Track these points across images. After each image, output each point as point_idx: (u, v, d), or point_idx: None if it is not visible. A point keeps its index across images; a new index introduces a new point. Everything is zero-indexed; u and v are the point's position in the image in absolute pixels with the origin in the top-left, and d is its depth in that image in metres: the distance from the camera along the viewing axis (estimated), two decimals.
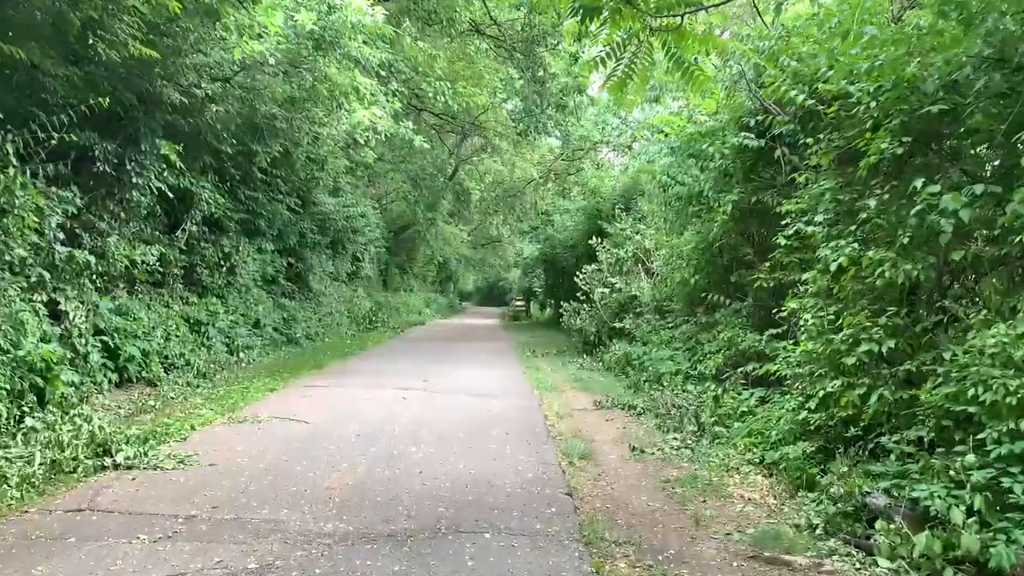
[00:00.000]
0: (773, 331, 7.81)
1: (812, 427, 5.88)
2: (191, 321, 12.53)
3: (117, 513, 5.20)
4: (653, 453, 7.42)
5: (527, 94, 27.30)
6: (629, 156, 19.37)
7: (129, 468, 6.36)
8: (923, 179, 4.59)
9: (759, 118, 7.55)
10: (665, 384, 10.36)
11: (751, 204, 8.00)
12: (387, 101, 12.57)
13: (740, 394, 7.91)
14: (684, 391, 9.48)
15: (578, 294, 16.98)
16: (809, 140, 6.25)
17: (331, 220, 19.71)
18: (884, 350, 4.96)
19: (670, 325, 12.42)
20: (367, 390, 10.93)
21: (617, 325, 14.76)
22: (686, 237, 10.01)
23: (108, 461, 6.41)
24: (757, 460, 6.54)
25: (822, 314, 5.85)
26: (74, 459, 6.30)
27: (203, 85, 9.67)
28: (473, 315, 47.91)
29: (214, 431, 8.03)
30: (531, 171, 25.86)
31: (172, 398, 10.10)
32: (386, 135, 12.74)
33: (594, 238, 16.98)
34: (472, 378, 12.72)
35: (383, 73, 13.63)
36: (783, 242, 6.76)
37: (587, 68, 5.68)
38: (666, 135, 10.29)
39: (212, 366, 12.16)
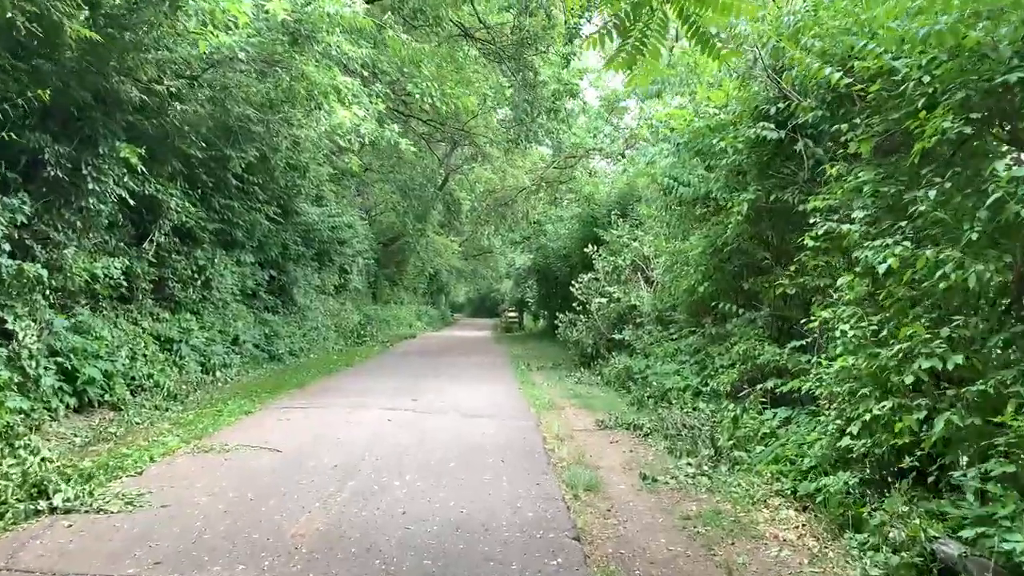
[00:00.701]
0: (795, 343, 7.03)
1: (854, 455, 5.09)
2: (162, 339, 11.68)
3: (39, 574, 4.36)
4: (667, 482, 6.62)
5: (517, 102, 26.67)
6: (627, 160, 18.62)
7: (68, 512, 5.51)
8: (1006, 162, 3.82)
9: (779, 106, 6.80)
10: (673, 401, 9.57)
11: (768, 203, 7.24)
12: (371, 103, 11.78)
13: (760, 414, 7.12)
14: (695, 409, 8.70)
15: (574, 304, 16.20)
16: (842, 126, 5.48)
17: (315, 231, 18.88)
18: (949, 367, 4.18)
19: (674, 336, 11.65)
20: (350, 411, 10.10)
21: (616, 336, 13.98)
22: (692, 242, 9.25)
23: (44, 504, 5.57)
24: (788, 491, 5.74)
25: (863, 324, 5.07)
26: (2, 503, 5.45)
27: (166, 82, 8.85)
28: (465, 327, 47.06)
29: (175, 463, 7.18)
30: (523, 178, 25.08)
31: (137, 424, 9.25)
32: (371, 140, 11.94)
33: (590, 246, 16.22)
34: (464, 396, 11.90)
35: (366, 73, 12.87)
36: (811, 243, 5.98)
37: (590, 43, 4.87)
38: (672, 130, 9.52)
39: (184, 387, 11.30)
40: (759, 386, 7.35)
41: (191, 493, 6.07)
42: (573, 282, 16.37)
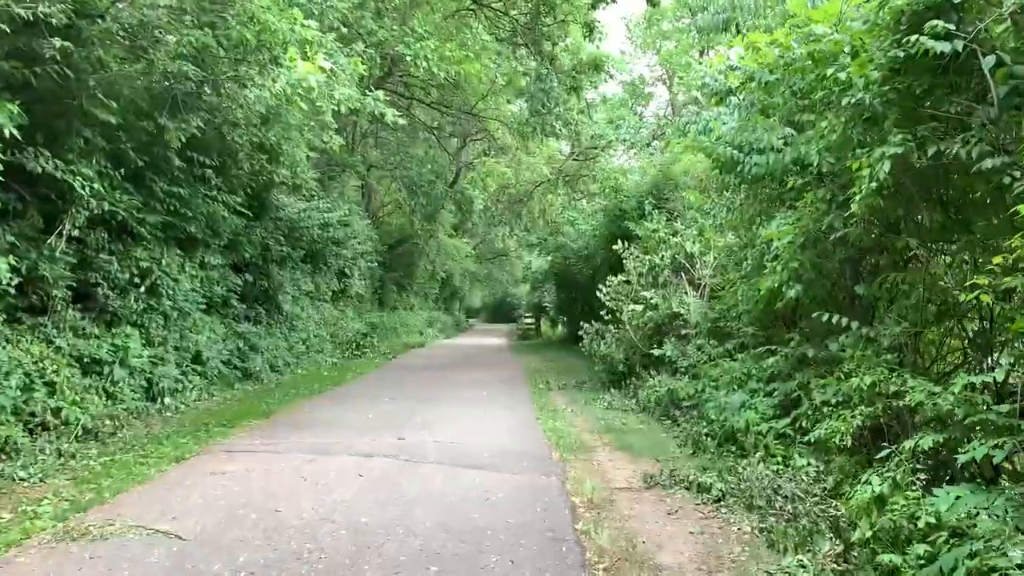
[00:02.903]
0: (972, 379, 4.44)
1: None
2: (85, 360, 9.25)
3: None
4: None
5: (533, 92, 24.26)
6: (664, 141, 16.06)
7: None
8: None
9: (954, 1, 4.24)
10: (747, 447, 7.00)
11: (922, 161, 4.66)
12: (348, 61, 9.34)
13: (920, 493, 4.51)
14: (788, 466, 6.12)
15: (601, 312, 13.64)
16: None
17: (301, 228, 16.42)
18: None
19: (737, 355, 9.09)
20: (311, 459, 7.60)
21: (655, 352, 11.39)
22: (776, 229, 6.66)
23: None
24: None
25: None
26: None
27: (41, 8, 6.40)
28: (480, 333, 44.63)
29: (14, 564, 4.72)
30: (541, 169, 22.55)
31: (21, 480, 6.81)
32: (348, 108, 9.48)
33: (619, 242, 13.65)
34: (467, 430, 9.37)
35: (345, 29, 10.40)
36: None
37: None
38: (740, 85, 6.97)
39: (110, 421, 8.86)
40: (907, 443, 4.75)
41: None
42: (600, 286, 13.80)
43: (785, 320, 7.90)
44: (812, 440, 5.82)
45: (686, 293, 11.67)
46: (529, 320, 41.45)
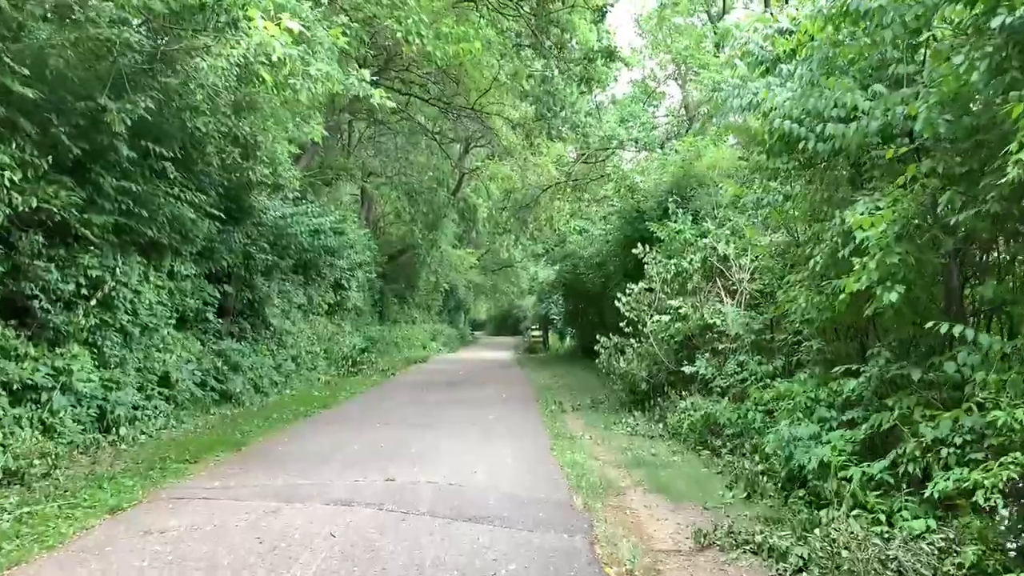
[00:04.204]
0: None
1: None
2: (15, 387, 7.79)
3: None
4: None
5: (538, 95, 22.93)
6: (710, 113, 14.55)
7: None
8: None
9: None
10: (825, 494, 5.48)
11: None
12: (324, 32, 7.92)
13: None
14: (898, 526, 4.61)
15: (620, 324, 12.12)
16: None
17: (287, 235, 14.97)
18: None
19: (787, 373, 7.60)
20: (277, 507, 6.11)
21: (685, 369, 9.88)
22: (864, 215, 5.16)
23: None
24: None
25: None
26: None
27: None
28: (486, 347, 43.14)
29: None
30: (549, 170, 21.08)
31: None
32: (326, 87, 8.05)
33: (639, 245, 12.15)
34: (469, 465, 7.86)
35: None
36: None
37: None
38: (799, 46, 5.53)
39: (40, 461, 7.38)
40: None
41: None
42: (618, 294, 12.29)
43: (856, 332, 6.42)
44: (934, 495, 4.31)
45: (720, 301, 10.18)
46: (536, 333, 39.97)
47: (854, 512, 4.95)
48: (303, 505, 6.20)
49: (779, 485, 6.37)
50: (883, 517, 4.76)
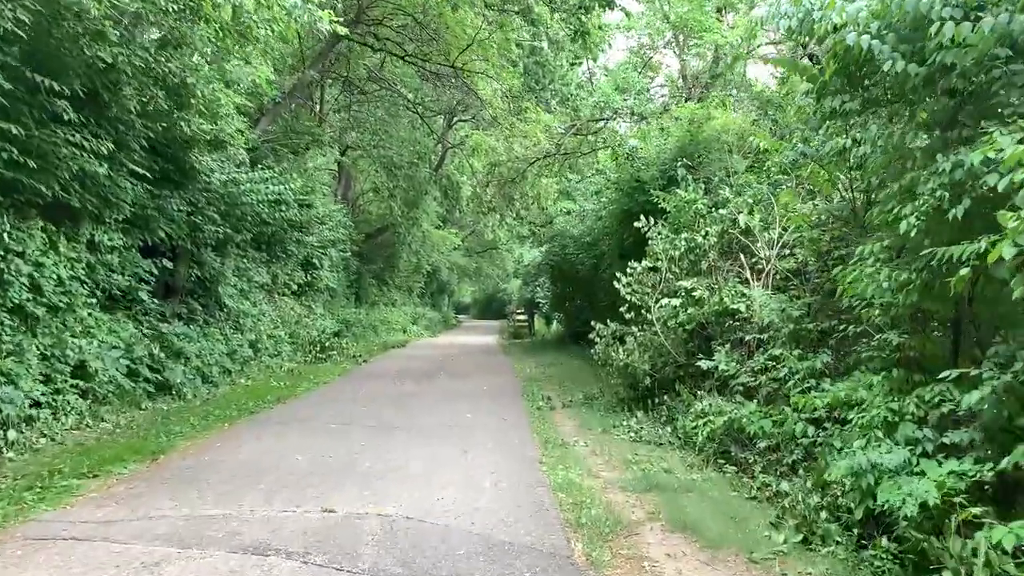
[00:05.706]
0: None
1: None
2: None
3: None
4: None
5: (526, 65, 21.22)
6: (741, 42, 12.81)
7: None
8: None
9: None
10: (932, 553, 3.86)
11: None
12: None
13: None
14: None
15: (619, 309, 10.45)
16: None
17: (243, 204, 13.16)
18: None
19: (843, 371, 5.97)
20: (164, 555, 4.40)
21: (703, 364, 8.22)
22: (1016, 151, 3.51)
23: None
24: None
25: None
26: None
27: None
28: (469, 331, 41.45)
29: None
30: (537, 138, 19.32)
31: None
32: (258, 13, 6.28)
33: (642, 218, 10.45)
34: (435, 488, 6.17)
35: None
36: None
37: None
38: None
39: None
40: None
41: None
42: (617, 275, 10.60)
43: (945, 323, 4.81)
44: None
45: (743, 282, 8.52)
46: (521, 317, 38.24)
47: None
48: (199, 553, 4.50)
49: (845, 525, 4.75)
50: None
